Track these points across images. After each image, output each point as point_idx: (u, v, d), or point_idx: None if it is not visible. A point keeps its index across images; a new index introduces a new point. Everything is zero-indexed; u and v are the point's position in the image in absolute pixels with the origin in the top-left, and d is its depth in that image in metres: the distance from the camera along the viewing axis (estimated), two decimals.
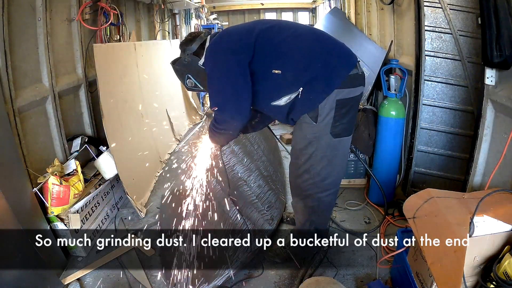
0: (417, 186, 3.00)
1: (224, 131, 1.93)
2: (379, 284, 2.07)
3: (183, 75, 2.02)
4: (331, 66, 1.78)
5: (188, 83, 2.03)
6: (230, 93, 1.81)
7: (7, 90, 2.17)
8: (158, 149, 4.14)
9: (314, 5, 9.84)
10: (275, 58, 1.79)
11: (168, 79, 5.18)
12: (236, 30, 1.95)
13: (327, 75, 1.77)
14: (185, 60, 1.96)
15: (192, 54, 1.94)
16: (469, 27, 2.56)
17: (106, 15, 3.41)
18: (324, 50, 1.82)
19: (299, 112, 1.84)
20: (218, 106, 1.85)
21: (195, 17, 7.91)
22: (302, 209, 2.12)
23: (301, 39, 1.83)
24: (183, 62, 1.97)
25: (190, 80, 2.00)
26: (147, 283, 2.24)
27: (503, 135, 1.94)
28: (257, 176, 2.72)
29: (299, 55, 1.80)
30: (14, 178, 2.08)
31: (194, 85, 2.02)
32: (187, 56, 1.95)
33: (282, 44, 1.81)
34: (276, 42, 1.82)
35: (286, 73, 1.77)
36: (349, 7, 4.98)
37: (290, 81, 1.78)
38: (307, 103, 1.79)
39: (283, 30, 1.86)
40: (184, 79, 2.02)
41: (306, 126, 1.85)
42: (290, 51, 1.80)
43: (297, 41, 1.82)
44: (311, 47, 1.82)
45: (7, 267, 1.85)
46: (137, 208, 2.99)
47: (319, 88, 1.76)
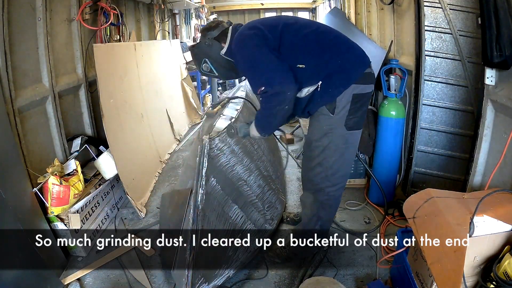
0: (417, 186, 3.00)
1: (279, 106, 1.86)
2: (379, 284, 2.07)
3: (200, 59, 2.09)
4: (350, 62, 1.90)
5: (204, 67, 2.09)
6: (273, 66, 1.84)
7: (7, 90, 2.17)
8: (158, 149, 4.14)
9: (314, 5, 9.84)
10: (300, 53, 1.88)
11: (168, 79, 5.18)
12: (261, 23, 1.99)
13: (346, 71, 1.88)
14: (206, 43, 2.04)
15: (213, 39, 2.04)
16: (469, 27, 2.57)
17: (106, 15, 3.41)
18: (343, 47, 1.94)
19: (317, 105, 1.93)
20: (266, 82, 1.84)
21: (195, 17, 7.92)
22: (311, 204, 2.16)
23: (322, 36, 1.93)
24: (203, 45, 2.06)
25: (207, 64, 2.08)
26: (147, 283, 2.24)
27: (503, 135, 1.94)
28: (257, 176, 2.72)
29: (320, 51, 1.89)
30: (14, 178, 2.08)
31: (210, 70, 2.10)
32: (209, 40, 2.04)
33: (306, 39, 1.90)
34: (300, 37, 1.90)
35: (308, 67, 1.87)
36: (349, 7, 4.98)
37: (311, 74, 1.88)
38: (326, 96, 1.88)
39: (305, 26, 1.95)
40: (201, 63, 2.09)
41: (323, 118, 1.94)
42: (312, 46, 1.90)
43: (319, 38, 1.92)
44: (331, 44, 1.92)
45: (7, 267, 1.85)
46: (137, 208, 3.00)
47: (338, 82, 1.86)
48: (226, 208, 2.30)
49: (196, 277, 1.96)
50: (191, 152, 3.26)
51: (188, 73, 6.00)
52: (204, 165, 2.21)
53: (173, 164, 4.21)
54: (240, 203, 2.41)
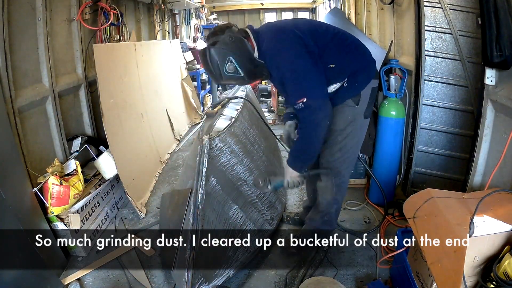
0: (417, 186, 3.00)
1: (323, 119, 1.95)
2: (379, 284, 2.07)
3: (224, 58, 1.88)
4: (369, 61, 2.13)
5: (227, 68, 1.89)
6: (316, 79, 1.94)
7: (7, 90, 2.17)
8: (158, 149, 4.14)
9: (314, 5, 9.83)
10: (330, 54, 2.01)
11: (168, 79, 5.18)
12: (292, 26, 2.01)
13: (367, 68, 2.11)
14: (231, 37, 1.87)
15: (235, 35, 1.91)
16: (469, 27, 2.56)
17: (106, 15, 3.41)
18: (361, 49, 2.14)
19: (344, 98, 2.09)
20: (310, 94, 1.90)
21: (195, 17, 7.92)
22: (331, 188, 2.24)
23: (344, 37, 2.11)
24: (226, 40, 1.87)
25: (232, 63, 1.89)
26: (147, 283, 2.24)
27: (503, 135, 1.94)
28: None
29: (346, 51, 2.07)
30: (14, 178, 2.08)
31: (234, 70, 1.91)
32: (231, 34, 1.89)
33: (333, 41, 2.05)
34: (328, 39, 2.04)
35: (338, 66, 2.03)
36: (349, 7, 4.98)
37: (338, 73, 2.04)
38: (352, 89, 2.07)
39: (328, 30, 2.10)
40: (224, 64, 1.89)
41: (348, 109, 2.10)
42: (340, 47, 2.06)
43: (342, 39, 2.09)
44: (352, 46, 2.12)
45: (7, 267, 1.85)
46: (137, 208, 3.00)
47: (362, 77, 2.08)
48: (226, 208, 2.30)
49: (196, 277, 1.96)
50: (191, 152, 3.26)
51: (188, 73, 6.00)
52: (204, 165, 2.21)
53: (173, 164, 4.21)
54: (240, 203, 2.41)
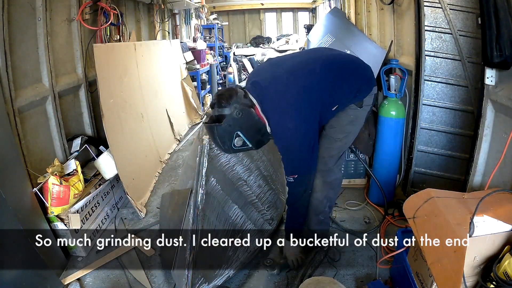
0: (417, 186, 3.00)
1: (306, 190, 2.17)
2: (379, 284, 2.07)
3: (231, 134, 1.81)
4: (368, 76, 2.22)
5: (236, 143, 1.83)
6: (308, 154, 2.02)
7: (7, 90, 2.17)
8: (158, 149, 4.14)
9: (314, 5, 9.84)
10: (332, 100, 2.07)
11: (168, 79, 5.18)
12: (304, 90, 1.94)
13: (368, 83, 2.21)
14: (237, 113, 1.78)
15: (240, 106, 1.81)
16: (469, 27, 2.56)
17: (106, 15, 3.41)
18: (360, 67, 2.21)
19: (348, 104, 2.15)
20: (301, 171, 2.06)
21: (195, 17, 7.92)
22: (321, 187, 2.30)
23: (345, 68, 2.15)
24: (234, 117, 1.77)
25: (240, 138, 1.83)
26: (147, 283, 2.24)
27: (503, 135, 1.94)
28: (257, 176, 2.72)
29: (350, 82, 2.12)
30: (14, 178, 2.08)
31: (242, 143, 1.86)
32: (239, 107, 1.80)
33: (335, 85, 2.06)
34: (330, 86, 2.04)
35: (341, 103, 2.11)
36: (349, 7, 4.98)
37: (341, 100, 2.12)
38: (356, 99, 2.16)
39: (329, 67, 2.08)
40: (232, 140, 1.82)
41: (350, 110, 2.17)
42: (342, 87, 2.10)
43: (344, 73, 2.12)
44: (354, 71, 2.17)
45: (7, 267, 1.85)
46: (137, 208, 2.99)
47: (365, 91, 2.18)
48: (226, 208, 2.30)
49: (196, 277, 1.96)
50: (191, 152, 3.25)
51: (188, 73, 6.00)
52: (204, 165, 2.21)
53: (173, 164, 4.21)
54: (240, 203, 2.41)
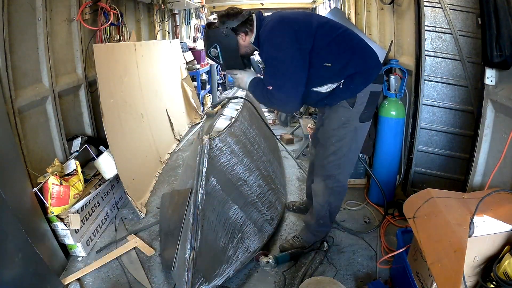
0: (417, 186, 3.00)
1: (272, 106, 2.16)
2: (379, 284, 2.07)
3: (211, 43, 2.11)
4: (371, 64, 2.10)
5: (212, 52, 2.12)
6: (290, 76, 1.99)
7: (7, 90, 2.17)
8: (158, 149, 4.14)
9: (314, 5, 9.82)
10: (329, 53, 2.02)
11: (168, 79, 5.18)
12: (294, 19, 2.06)
13: (367, 71, 2.07)
14: (223, 32, 2.06)
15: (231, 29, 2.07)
16: (469, 27, 2.57)
17: (106, 15, 3.41)
18: (366, 51, 2.11)
19: (338, 98, 2.10)
20: (276, 86, 2.01)
21: (195, 17, 7.92)
22: (322, 190, 2.30)
23: (350, 38, 2.10)
24: (220, 33, 2.07)
25: (216, 50, 2.11)
26: (147, 283, 2.24)
27: (503, 135, 1.94)
28: (257, 176, 2.72)
29: (349, 52, 2.05)
30: (14, 178, 2.08)
31: (216, 56, 2.13)
32: (226, 29, 2.07)
33: (336, 40, 2.03)
34: (331, 38, 2.03)
35: (334, 65, 2.02)
36: (349, 7, 4.98)
37: (335, 73, 2.04)
38: (348, 91, 2.06)
39: (335, 27, 2.08)
40: (210, 46, 2.11)
41: (342, 110, 2.11)
42: (342, 47, 2.05)
43: (346, 40, 2.08)
44: (357, 47, 2.09)
45: (7, 267, 1.85)
46: (137, 208, 3.00)
47: (360, 80, 2.05)
48: (226, 208, 2.30)
49: (196, 277, 1.96)
50: (191, 152, 3.26)
51: (188, 73, 6.00)
52: (204, 165, 2.21)
53: (173, 164, 4.21)
54: (240, 203, 2.41)
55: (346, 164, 2.26)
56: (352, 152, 2.23)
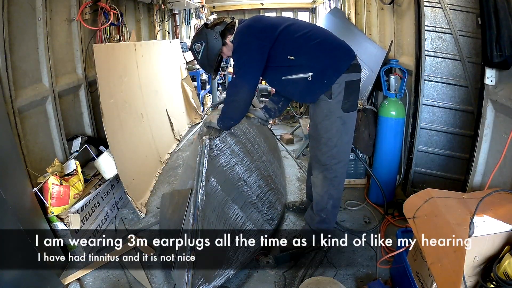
0: (417, 186, 3.00)
1: (235, 97, 2.30)
2: (379, 284, 2.07)
3: (200, 39, 2.35)
4: (338, 57, 2.25)
5: (196, 46, 2.36)
6: (248, 65, 2.25)
7: (7, 90, 2.17)
8: (158, 149, 4.14)
9: (314, 5, 9.82)
10: (292, 48, 2.24)
11: (168, 79, 5.18)
12: (264, 21, 2.34)
13: (336, 64, 2.24)
14: (215, 35, 2.33)
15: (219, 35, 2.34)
16: (469, 27, 2.56)
17: (106, 15, 3.41)
18: (332, 46, 2.28)
19: (317, 93, 2.25)
20: (236, 74, 2.28)
21: (195, 17, 7.91)
22: (321, 182, 2.39)
23: (314, 37, 2.26)
24: (212, 34, 2.33)
25: (200, 46, 2.34)
26: (147, 283, 2.24)
27: (503, 135, 1.94)
28: (257, 176, 2.72)
29: (313, 48, 2.24)
30: (14, 178, 2.08)
31: (198, 51, 2.36)
32: (217, 33, 2.34)
33: (299, 39, 2.25)
34: (294, 37, 2.25)
35: (298, 59, 2.23)
36: (349, 7, 4.98)
37: (301, 65, 2.24)
38: (323, 85, 2.23)
39: (299, 29, 2.29)
40: (197, 41, 2.35)
41: (323, 103, 2.27)
42: (304, 45, 2.24)
43: (311, 38, 2.25)
44: (321, 43, 2.26)
45: (7, 267, 1.85)
46: (137, 208, 3.00)
47: (330, 74, 2.23)
48: (226, 209, 2.30)
49: (196, 277, 1.96)
50: (191, 152, 3.25)
51: (188, 73, 6.00)
52: (204, 165, 2.21)
53: (173, 164, 4.21)
54: (240, 203, 2.41)
55: (340, 154, 2.36)
56: (343, 142, 2.34)
